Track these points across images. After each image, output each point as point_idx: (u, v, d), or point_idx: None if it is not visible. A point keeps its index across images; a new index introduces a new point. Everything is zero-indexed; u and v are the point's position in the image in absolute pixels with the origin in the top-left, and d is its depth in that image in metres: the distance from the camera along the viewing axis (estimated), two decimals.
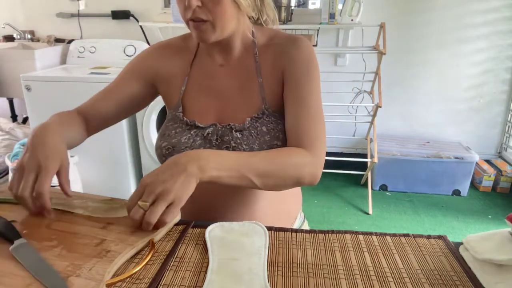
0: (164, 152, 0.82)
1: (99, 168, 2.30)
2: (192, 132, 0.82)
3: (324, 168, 0.80)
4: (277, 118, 0.82)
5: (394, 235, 0.67)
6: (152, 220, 0.61)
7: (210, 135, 0.81)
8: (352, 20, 2.35)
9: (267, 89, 0.82)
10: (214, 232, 0.65)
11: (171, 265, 0.58)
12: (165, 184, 0.62)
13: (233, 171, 0.67)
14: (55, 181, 0.68)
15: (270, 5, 0.84)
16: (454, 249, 0.64)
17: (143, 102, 0.91)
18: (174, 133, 0.83)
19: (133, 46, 2.55)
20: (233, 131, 0.80)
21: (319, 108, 0.80)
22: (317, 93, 0.81)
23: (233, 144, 0.79)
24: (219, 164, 0.66)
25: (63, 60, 2.65)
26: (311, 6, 2.83)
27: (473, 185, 2.62)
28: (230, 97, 0.84)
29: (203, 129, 0.82)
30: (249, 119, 0.81)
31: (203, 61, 0.87)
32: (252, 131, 0.79)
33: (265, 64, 0.83)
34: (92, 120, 0.87)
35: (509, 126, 2.68)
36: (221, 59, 0.85)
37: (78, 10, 2.75)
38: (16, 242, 0.59)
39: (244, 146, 0.79)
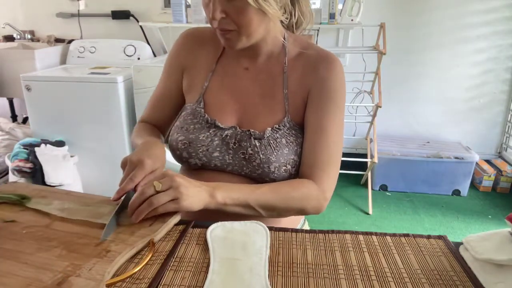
0: (180, 146, 0.81)
1: (99, 168, 2.29)
2: (211, 131, 0.81)
3: None
4: (298, 132, 0.80)
5: (394, 235, 0.67)
6: (155, 202, 0.63)
7: (228, 137, 0.80)
8: (352, 20, 2.35)
9: (292, 102, 0.81)
10: (215, 231, 0.65)
11: (171, 265, 0.58)
12: (183, 182, 0.66)
13: (240, 201, 0.71)
14: (55, 180, 0.67)
15: (307, 1, 0.80)
16: (454, 249, 0.64)
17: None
18: (193, 129, 0.82)
19: (133, 46, 2.54)
20: (252, 138, 0.79)
21: (339, 140, 0.79)
22: (339, 122, 0.80)
23: (250, 152, 0.78)
24: (226, 193, 0.70)
25: (63, 60, 2.64)
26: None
27: (473, 185, 2.62)
28: (252, 102, 0.82)
29: (222, 130, 0.81)
30: (270, 128, 0.79)
31: (229, 60, 0.86)
32: (271, 142, 0.78)
33: (293, 76, 0.81)
34: (157, 127, 0.93)
35: (509, 126, 2.68)
36: (246, 62, 0.84)
37: (78, 10, 2.75)
38: None
39: (261, 155, 0.77)
